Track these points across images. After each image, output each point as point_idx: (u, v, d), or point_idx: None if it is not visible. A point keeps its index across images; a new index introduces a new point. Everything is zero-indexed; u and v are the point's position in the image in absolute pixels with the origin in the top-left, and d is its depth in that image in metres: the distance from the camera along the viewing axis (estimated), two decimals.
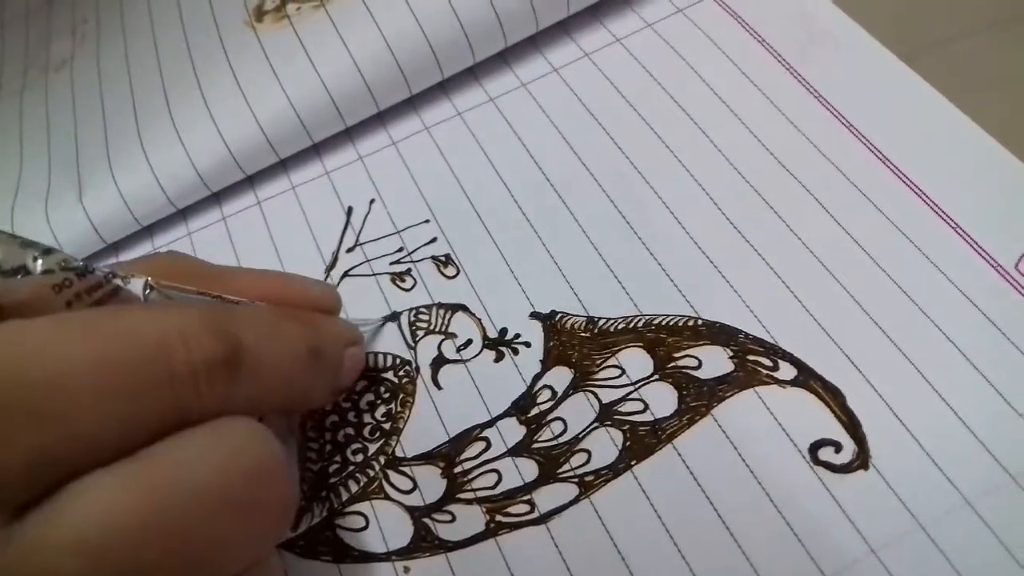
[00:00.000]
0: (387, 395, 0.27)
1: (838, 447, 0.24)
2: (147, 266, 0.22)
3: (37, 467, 0.16)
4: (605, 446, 0.25)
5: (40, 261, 0.18)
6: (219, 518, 0.17)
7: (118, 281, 0.19)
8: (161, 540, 0.16)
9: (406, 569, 0.24)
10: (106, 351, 0.17)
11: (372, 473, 0.26)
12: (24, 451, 0.15)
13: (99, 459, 0.16)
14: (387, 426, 0.27)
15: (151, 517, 0.16)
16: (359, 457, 0.26)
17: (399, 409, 0.27)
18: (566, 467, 0.25)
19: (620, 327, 0.27)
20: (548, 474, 0.25)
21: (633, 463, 0.25)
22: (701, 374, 0.26)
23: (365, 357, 0.27)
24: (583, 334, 0.27)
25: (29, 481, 0.16)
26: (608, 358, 0.26)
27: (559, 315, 0.28)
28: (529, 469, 0.25)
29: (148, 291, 0.20)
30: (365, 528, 0.25)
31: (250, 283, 0.24)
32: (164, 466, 0.17)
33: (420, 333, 0.28)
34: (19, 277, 0.18)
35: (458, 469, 0.25)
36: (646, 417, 0.25)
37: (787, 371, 0.25)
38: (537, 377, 0.27)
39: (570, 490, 0.25)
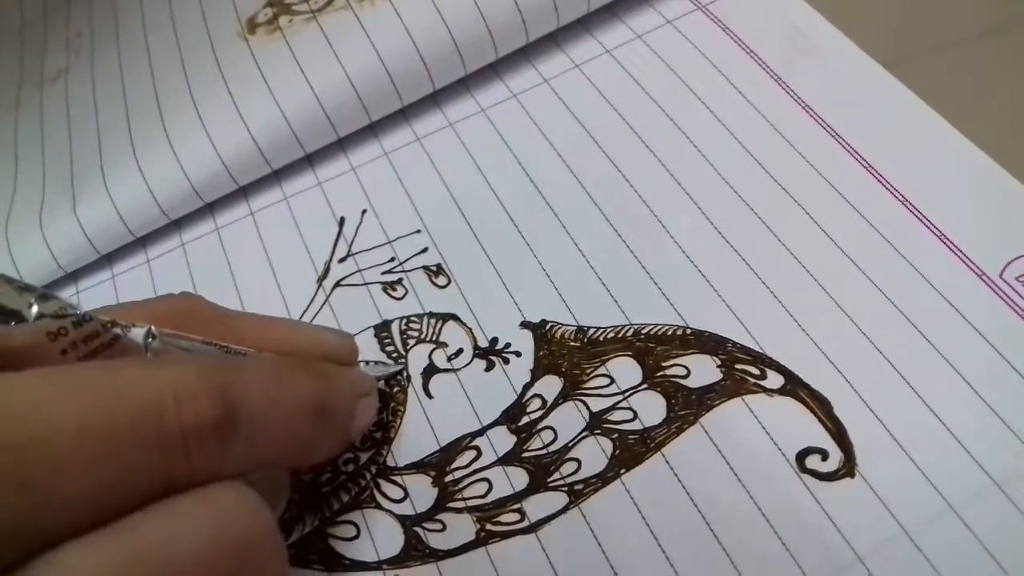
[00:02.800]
0: (378, 404, 0.27)
1: (825, 455, 0.24)
2: (153, 311, 0.21)
3: (10, 535, 0.15)
4: (595, 455, 0.25)
5: (36, 307, 0.17)
6: None
7: (117, 330, 0.19)
8: None
9: None
10: (93, 413, 0.16)
11: (363, 482, 0.26)
12: None
13: (78, 527, 0.15)
14: (378, 435, 0.27)
15: None
16: (350, 467, 0.26)
17: (390, 418, 0.27)
18: (556, 476, 0.25)
19: (610, 336, 0.27)
20: (538, 483, 0.25)
21: (622, 471, 0.25)
22: (690, 383, 0.26)
23: (377, 408, 0.26)
24: (573, 343, 0.27)
25: (1, 549, 0.15)
26: (598, 367, 0.27)
27: (549, 324, 0.28)
28: (519, 478, 0.25)
29: (150, 340, 0.19)
30: (356, 537, 0.25)
31: (261, 331, 0.23)
32: (144, 539, 0.16)
33: (411, 342, 0.28)
34: (13, 324, 0.17)
35: (449, 478, 0.26)
36: (635, 426, 0.25)
37: (774, 380, 0.25)
38: (527, 386, 0.27)
39: (560, 499, 0.25)
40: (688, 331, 0.27)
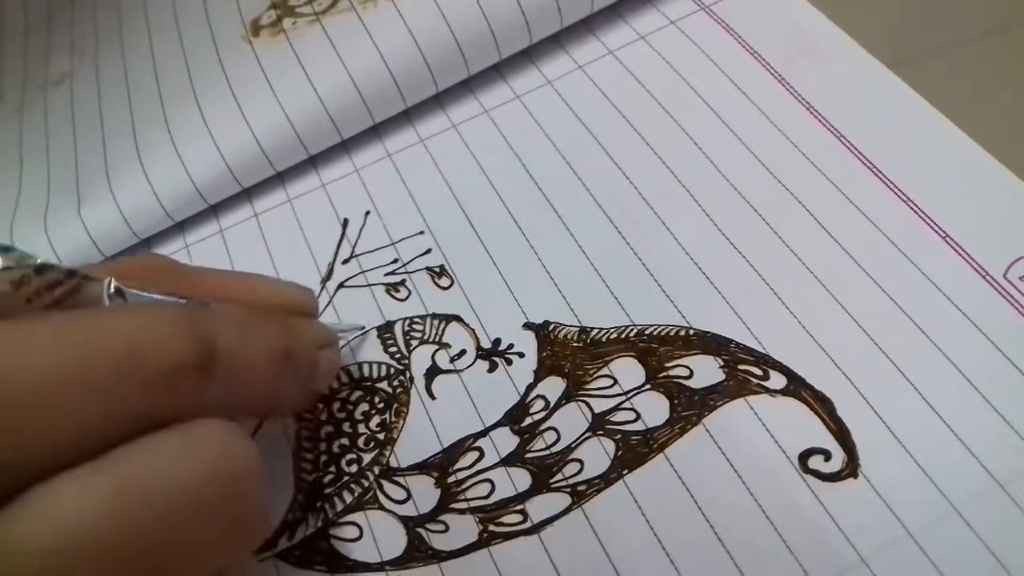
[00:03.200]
0: (381, 405, 0.27)
1: (827, 455, 0.24)
2: (117, 268, 0.22)
3: (1, 469, 0.15)
4: (597, 455, 0.25)
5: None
6: (189, 523, 0.17)
7: (79, 279, 0.19)
8: (127, 545, 0.16)
9: None
10: (75, 355, 0.16)
11: (366, 483, 0.26)
12: None
13: (67, 462, 0.16)
14: (381, 436, 0.27)
15: (117, 521, 0.16)
16: (353, 467, 0.26)
17: (393, 419, 0.27)
18: (559, 477, 0.25)
19: (612, 337, 0.27)
20: (541, 484, 0.25)
21: (625, 472, 0.25)
22: (692, 383, 0.26)
23: (341, 361, 0.26)
24: (576, 344, 0.27)
25: None
26: (600, 368, 0.27)
27: (552, 325, 0.28)
28: (522, 479, 0.25)
29: (111, 291, 0.20)
30: (359, 538, 0.25)
31: (222, 285, 0.23)
32: (132, 469, 0.16)
33: (414, 343, 0.28)
34: None
35: (451, 479, 0.26)
36: (638, 426, 0.25)
37: (777, 380, 0.25)
38: (530, 387, 0.27)
39: (562, 500, 0.25)
40: (691, 332, 0.27)
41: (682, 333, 0.27)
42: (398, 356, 0.28)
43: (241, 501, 0.18)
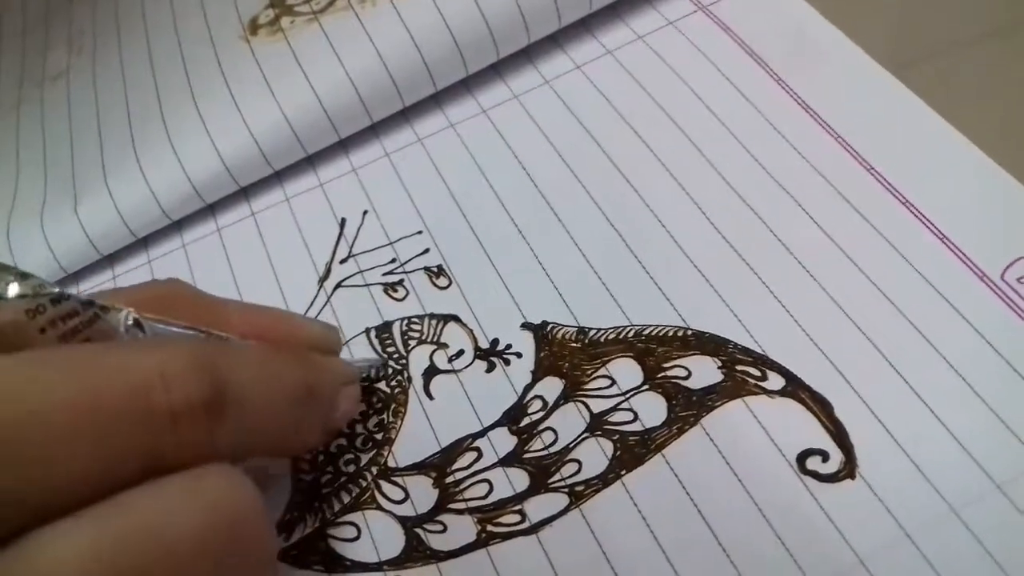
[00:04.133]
0: (379, 405, 0.27)
1: (825, 456, 0.24)
2: (136, 296, 0.21)
3: (5, 511, 0.15)
4: (595, 456, 0.25)
5: (14, 286, 0.18)
6: (191, 573, 0.17)
7: (95, 310, 0.19)
8: None
9: None
10: (84, 393, 0.16)
11: (364, 483, 0.26)
12: None
13: (70, 503, 0.16)
14: (379, 436, 0.27)
15: (118, 571, 0.15)
16: (351, 467, 0.26)
17: (391, 419, 0.27)
18: (557, 477, 0.25)
19: (610, 337, 0.27)
20: (539, 484, 0.25)
21: (623, 473, 0.25)
22: (690, 384, 0.26)
23: (360, 397, 0.26)
24: (574, 344, 0.27)
25: None
26: (599, 368, 0.27)
27: (550, 326, 0.28)
28: (520, 479, 0.25)
29: (129, 322, 0.19)
30: (357, 538, 0.25)
31: (246, 318, 0.23)
32: (135, 516, 0.16)
33: (412, 343, 0.28)
34: None
35: (450, 479, 0.26)
36: (636, 427, 0.25)
37: (775, 381, 0.25)
38: (528, 387, 0.27)
39: (561, 500, 0.25)
40: (689, 332, 0.27)
41: (680, 333, 0.27)
42: (396, 356, 0.28)
43: (243, 550, 0.18)
